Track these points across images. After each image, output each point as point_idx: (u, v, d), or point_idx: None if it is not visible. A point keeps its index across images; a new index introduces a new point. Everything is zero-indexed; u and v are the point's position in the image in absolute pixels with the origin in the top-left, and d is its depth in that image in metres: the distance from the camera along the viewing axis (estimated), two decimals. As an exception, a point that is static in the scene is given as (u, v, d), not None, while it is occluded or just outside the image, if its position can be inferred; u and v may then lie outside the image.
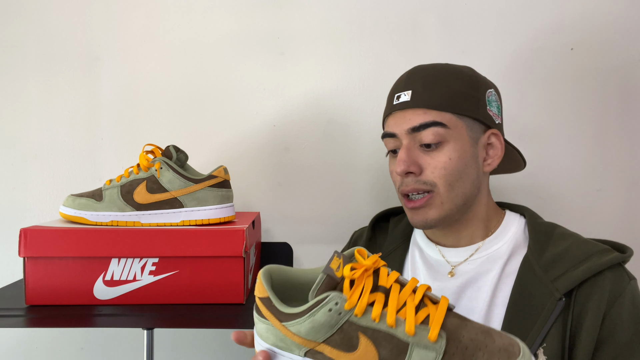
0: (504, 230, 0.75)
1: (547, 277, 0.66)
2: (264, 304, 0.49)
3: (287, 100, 1.07)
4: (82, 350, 1.09)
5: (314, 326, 0.47)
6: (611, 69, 1.02)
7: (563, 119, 1.04)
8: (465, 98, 0.72)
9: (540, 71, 1.03)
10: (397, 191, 0.75)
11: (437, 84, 0.72)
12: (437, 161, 0.70)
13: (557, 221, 0.77)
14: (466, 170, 0.71)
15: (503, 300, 0.69)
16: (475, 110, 0.72)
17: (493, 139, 0.74)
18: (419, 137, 0.71)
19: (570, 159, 1.04)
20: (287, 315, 0.47)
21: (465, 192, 0.71)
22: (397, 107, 0.73)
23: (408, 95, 0.72)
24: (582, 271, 0.65)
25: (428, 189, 0.70)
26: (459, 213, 0.72)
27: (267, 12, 1.06)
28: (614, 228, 1.03)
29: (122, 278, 0.76)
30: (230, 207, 0.83)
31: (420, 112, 0.71)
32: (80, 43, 1.06)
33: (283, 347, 0.48)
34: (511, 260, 0.72)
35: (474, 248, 0.74)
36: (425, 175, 0.70)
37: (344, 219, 1.06)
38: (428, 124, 0.70)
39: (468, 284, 0.72)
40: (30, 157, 1.07)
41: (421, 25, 1.04)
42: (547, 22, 1.03)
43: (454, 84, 0.72)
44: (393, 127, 0.74)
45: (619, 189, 1.03)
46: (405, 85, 0.74)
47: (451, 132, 0.70)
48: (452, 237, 0.76)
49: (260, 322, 0.50)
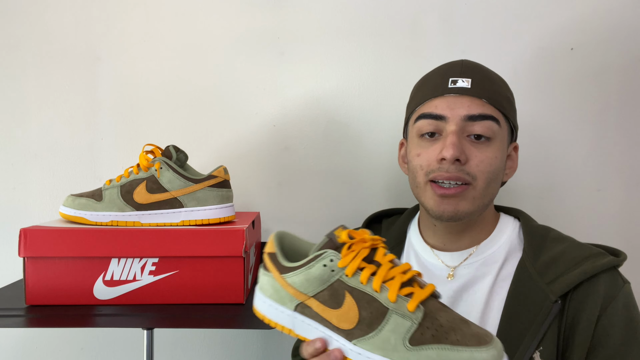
0: (499, 233, 0.75)
1: (542, 280, 0.66)
2: (270, 258, 0.55)
3: (287, 100, 1.07)
4: (82, 350, 1.09)
5: (308, 278, 0.52)
6: (611, 69, 1.02)
7: (563, 119, 1.04)
8: (511, 103, 0.73)
9: (541, 71, 1.03)
10: (422, 176, 0.71)
11: (493, 81, 0.72)
12: (485, 155, 0.68)
13: (557, 221, 0.77)
14: (500, 173, 0.71)
15: (499, 304, 0.69)
16: (515, 118, 0.73)
17: (512, 152, 0.75)
18: (470, 127, 0.69)
19: (570, 159, 1.04)
20: (286, 267, 0.54)
21: (493, 193, 0.72)
22: (453, 91, 0.70)
23: (467, 83, 0.70)
24: (577, 274, 0.65)
25: (468, 181, 0.68)
26: (479, 213, 0.72)
27: (267, 12, 1.06)
28: (614, 228, 1.03)
29: (122, 278, 0.76)
30: (230, 207, 0.83)
31: (480, 102, 0.69)
32: (80, 43, 1.06)
33: (277, 299, 0.54)
34: (506, 264, 0.72)
35: (470, 251, 0.74)
36: (470, 166, 0.68)
37: (344, 219, 1.06)
38: (486, 116, 0.68)
39: (465, 287, 0.72)
40: (30, 157, 1.07)
41: (421, 25, 1.04)
42: (547, 22, 1.02)
43: (503, 87, 0.73)
44: (445, 110, 0.69)
45: (619, 189, 1.03)
46: (463, 72, 0.72)
47: (501, 131, 0.70)
48: (453, 240, 0.75)
49: (264, 276, 0.55)
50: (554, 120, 1.03)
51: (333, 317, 0.52)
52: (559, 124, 1.03)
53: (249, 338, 1.09)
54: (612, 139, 1.03)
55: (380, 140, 1.06)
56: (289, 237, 0.58)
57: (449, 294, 0.72)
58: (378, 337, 0.50)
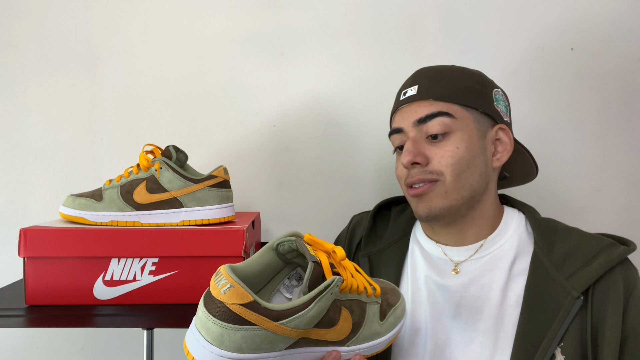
0: (505, 227, 0.75)
1: (560, 274, 0.66)
2: (251, 308, 0.46)
3: (287, 100, 1.07)
4: (82, 350, 1.09)
5: (319, 312, 0.49)
6: (611, 69, 1.02)
7: (563, 119, 1.04)
8: (472, 91, 0.72)
9: (541, 71, 1.03)
10: (404, 185, 0.75)
11: (444, 78, 0.73)
12: (444, 150, 0.70)
13: (558, 221, 0.77)
14: (474, 161, 0.70)
15: (516, 300, 0.68)
16: (482, 103, 0.72)
17: (501, 134, 0.74)
18: (425, 129, 0.71)
19: (570, 159, 1.04)
20: (284, 312, 0.47)
21: (472, 183, 0.71)
22: (403, 102, 0.74)
23: (414, 90, 0.73)
24: (597, 268, 0.65)
25: (435, 179, 0.70)
26: (465, 207, 0.71)
27: (267, 12, 1.06)
28: (614, 228, 1.03)
29: (122, 278, 0.76)
30: (230, 207, 0.83)
31: (427, 103, 0.71)
32: (80, 43, 1.06)
33: (266, 349, 0.47)
34: (519, 259, 0.71)
35: (477, 246, 0.74)
36: (432, 165, 0.70)
37: (344, 219, 1.06)
38: (434, 114, 0.70)
39: (472, 282, 0.71)
40: (30, 157, 1.07)
41: (421, 25, 1.04)
42: (547, 22, 1.02)
43: (460, 78, 0.73)
44: (399, 122, 0.74)
45: (619, 189, 1.03)
46: (412, 81, 0.75)
47: (458, 122, 0.70)
48: (456, 236, 0.75)
49: (239, 332, 0.46)
50: (554, 120, 1.03)
51: (331, 336, 0.52)
52: (559, 124, 1.03)
53: (249, 338, 1.09)
54: (612, 139, 1.03)
55: (380, 140, 1.06)
56: (234, 270, 0.51)
57: (455, 288, 0.71)
58: (364, 330, 0.55)
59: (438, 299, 0.72)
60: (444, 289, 0.72)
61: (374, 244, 0.83)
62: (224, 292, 0.46)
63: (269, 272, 0.56)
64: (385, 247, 0.81)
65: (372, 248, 0.82)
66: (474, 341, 0.68)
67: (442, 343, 0.70)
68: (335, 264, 0.54)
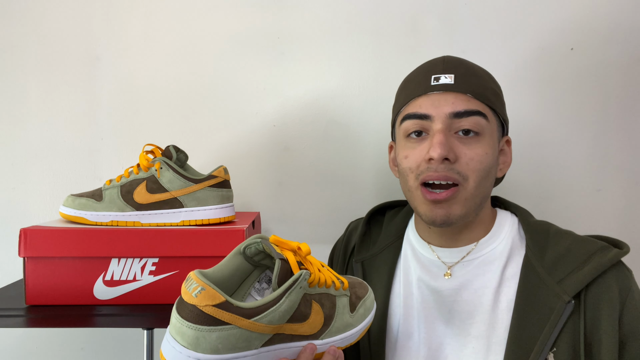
0: (498, 230, 0.74)
1: (551, 279, 0.65)
2: (224, 308, 0.46)
3: (287, 100, 1.07)
4: (82, 350, 1.09)
5: (290, 307, 0.50)
6: (611, 69, 1.02)
7: (563, 119, 1.04)
8: (498, 96, 0.71)
9: (540, 71, 1.03)
10: (413, 180, 0.69)
11: (476, 74, 0.70)
12: (475, 153, 0.66)
13: (557, 221, 0.77)
14: (492, 170, 0.69)
15: (507, 305, 0.67)
16: (503, 111, 0.71)
17: (505, 146, 0.73)
18: (457, 124, 0.67)
19: (570, 159, 1.04)
20: (256, 309, 0.48)
21: (485, 192, 0.69)
22: (436, 88, 0.68)
23: (451, 79, 0.68)
24: (588, 272, 0.63)
25: (458, 181, 0.66)
26: (474, 213, 0.70)
27: (267, 12, 1.06)
28: (614, 228, 1.03)
29: (122, 278, 0.76)
30: (230, 207, 0.83)
31: (464, 97, 0.67)
32: (80, 43, 1.06)
33: (242, 347, 0.48)
34: (510, 262, 0.70)
35: (469, 248, 0.73)
36: (460, 164, 0.66)
37: (344, 219, 1.06)
38: (472, 112, 0.66)
39: (464, 286, 0.70)
40: (30, 157, 1.07)
41: (421, 25, 1.04)
42: (547, 22, 1.02)
43: (489, 80, 0.71)
44: (429, 109, 0.67)
45: (619, 189, 1.03)
46: (445, 68, 0.69)
47: (489, 126, 0.68)
48: (450, 238, 0.74)
49: (214, 333, 0.46)
50: (554, 120, 1.03)
51: (304, 330, 0.53)
52: (559, 124, 1.03)
53: (249, 338, 1.09)
54: (612, 139, 1.03)
55: (380, 140, 1.06)
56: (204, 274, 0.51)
57: (447, 292, 0.71)
58: (336, 323, 0.57)
59: (431, 303, 0.72)
60: (437, 293, 0.72)
61: (367, 249, 0.82)
62: (195, 296, 0.46)
63: (239, 276, 0.56)
64: (378, 252, 0.80)
65: (365, 253, 0.81)
66: (467, 346, 0.68)
67: (436, 348, 0.69)
68: (302, 260, 0.55)
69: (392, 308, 0.75)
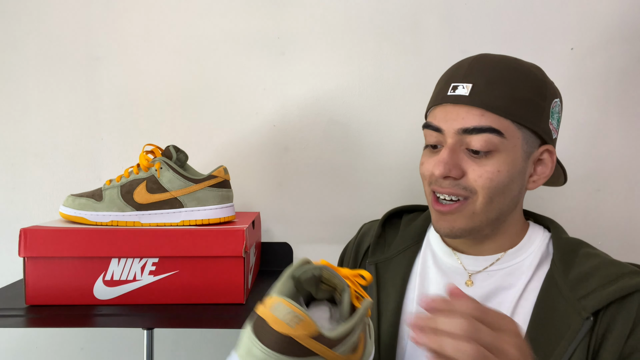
0: (528, 242, 0.70)
1: (572, 295, 0.62)
2: (317, 339, 0.44)
3: (287, 100, 1.07)
4: (82, 350, 1.09)
5: (357, 336, 0.48)
6: (611, 69, 1.02)
7: (563, 119, 1.03)
8: (530, 106, 0.64)
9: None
10: (427, 185, 0.69)
11: (503, 82, 0.63)
12: (484, 170, 0.63)
13: (557, 221, 0.76)
14: (510, 186, 0.64)
15: (524, 317, 0.65)
16: (538, 121, 0.65)
17: (545, 155, 0.68)
18: (467, 140, 0.63)
19: (570, 159, 1.04)
20: (337, 339, 0.46)
21: (502, 208, 0.66)
22: (450, 99, 0.65)
23: (467, 89, 0.64)
24: (613, 291, 0.61)
25: (466, 195, 0.64)
26: (489, 228, 0.67)
27: (267, 12, 1.06)
28: (613, 228, 1.03)
29: (122, 278, 0.76)
30: (230, 207, 0.83)
31: (477, 112, 0.62)
32: (80, 43, 1.06)
33: None
34: (534, 277, 0.67)
35: (494, 258, 0.70)
36: (467, 180, 0.64)
37: (344, 219, 1.06)
38: (483, 129, 0.62)
39: (487, 298, 0.67)
40: (30, 157, 1.07)
41: (421, 24, 1.04)
42: (547, 22, 1.02)
43: (521, 86, 0.64)
44: (441, 122, 0.65)
45: (619, 189, 1.03)
46: (466, 75, 0.65)
47: (506, 142, 0.63)
48: (471, 246, 0.71)
49: None
50: (554, 120, 1.03)
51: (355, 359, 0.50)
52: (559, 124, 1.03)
53: (249, 338, 1.09)
54: (612, 139, 1.03)
55: (380, 140, 1.06)
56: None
57: None
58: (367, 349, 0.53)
59: None
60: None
61: (381, 251, 0.79)
62: (293, 325, 0.44)
63: None
64: (393, 256, 0.77)
65: (380, 256, 0.78)
66: None
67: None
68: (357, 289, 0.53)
69: (404, 314, 0.72)
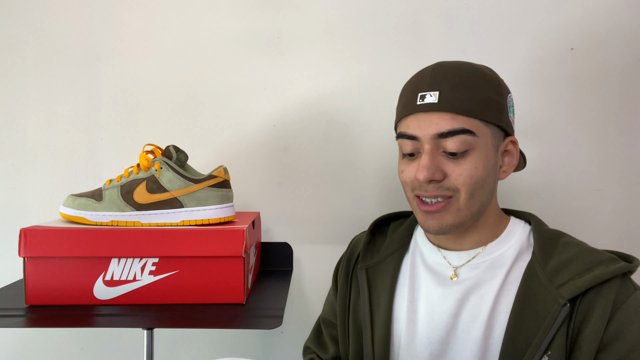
0: (508, 235, 0.74)
1: (551, 284, 0.65)
2: None
3: (287, 100, 1.07)
4: (82, 350, 1.09)
5: None
6: (611, 69, 1.02)
7: (563, 119, 1.04)
8: (492, 104, 0.69)
9: (540, 71, 1.03)
10: (409, 191, 0.72)
11: (467, 87, 0.68)
12: (463, 169, 0.67)
13: (557, 221, 0.77)
14: (487, 179, 0.69)
15: (506, 307, 0.68)
16: (500, 117, 0.69)
17: (510, 146, 0.72)
18: (443, 143, 0.67)
19: (570, 159, 1.04)
20: None
21: (482, 200, 0.70)
22: (421, 109, 0.68)
23: (435, 97, 0.67)
24: (589, 278, 0.63)
25: (449, 195, 0.68)
26: (472, 220, 0.71)
27: (267, 12, 1.06)
28: (613, 228, 1.03)
29: (122, 278, 0.76)
30: (230, 207, 0.83)
31: (448, 116, 0.66)
32: (80, 43, 1.06)
33: None
34: (514, 267, 0.71)
35: (476, 251, 0.73)
36: (449, 181, 0.68)
37: (344, 219, 1.06)
38: (457, 131, 0.66)
39: (471, 290, 0.71)
40: (30, 157, 1.07)
41: (421, 25, 1.04)
42: (547, 22, 1.03)
43: (482, 88, 0.68)
44: (416, 130, 0.69)
45: (619, 189, 1.03)
46: (431, 84, 0.69)
47: (478, 140, 0.67)
48: (456, 241, 0.75)
49: None
50: (554, 120, 1.03)
51: None
52: (559, 124, 1.03)
53: (248, 338, 1.09)
54: (612, 139, 1.03)
55: (380, 140, 1.06)
56: None
57: (455, 296, 0.71)
58: None
59: (436, 309, 0.72)
60: (443, 299, 0.72)
61: (371, 257, 0.82)
62: None
63: None
64: (382, 259, 0.81)
65: (370, 260, 0.81)
66: (467, 349, 0.69)
67: (438, 353, 0.71)
68: None
69: (395, 313, 0.76)
